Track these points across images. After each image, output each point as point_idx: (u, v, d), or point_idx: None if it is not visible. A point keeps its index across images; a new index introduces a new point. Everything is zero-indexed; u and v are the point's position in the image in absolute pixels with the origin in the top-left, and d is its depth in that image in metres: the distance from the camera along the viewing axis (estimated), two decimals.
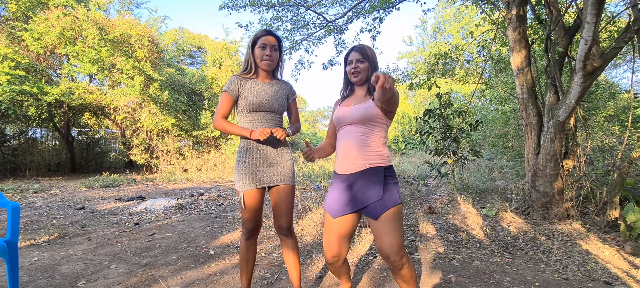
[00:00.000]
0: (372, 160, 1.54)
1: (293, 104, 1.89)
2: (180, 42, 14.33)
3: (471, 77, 7.11)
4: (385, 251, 1.46)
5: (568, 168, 3.59)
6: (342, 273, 1.76)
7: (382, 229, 1.47)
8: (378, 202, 1.48)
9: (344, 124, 1.62)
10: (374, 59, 1.65)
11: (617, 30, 4.60)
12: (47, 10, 8.66)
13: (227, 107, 1.72)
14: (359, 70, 1.61)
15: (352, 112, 1.60)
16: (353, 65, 1.62)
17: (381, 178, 1.52)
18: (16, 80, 7.69)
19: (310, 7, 5.38)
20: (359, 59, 1.62)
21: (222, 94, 1.74)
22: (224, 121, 1.71)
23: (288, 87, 1.86)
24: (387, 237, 1.46)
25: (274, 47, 1.72)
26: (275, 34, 1.76)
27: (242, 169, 1.70)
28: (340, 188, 1.59)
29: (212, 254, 2.81)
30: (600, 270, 2.42)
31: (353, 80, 1.64)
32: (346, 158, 1.58)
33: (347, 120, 1.60)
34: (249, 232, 1.76)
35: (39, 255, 2.76)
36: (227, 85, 1.72)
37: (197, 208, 4.73)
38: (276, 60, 1.76)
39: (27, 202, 5.27)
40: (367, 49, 1.64)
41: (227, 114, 1.73)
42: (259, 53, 1.71)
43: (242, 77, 1.74)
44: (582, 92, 3.13)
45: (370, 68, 1.63)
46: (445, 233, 3.28)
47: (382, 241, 1.47)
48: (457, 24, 16.10)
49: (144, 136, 10.52)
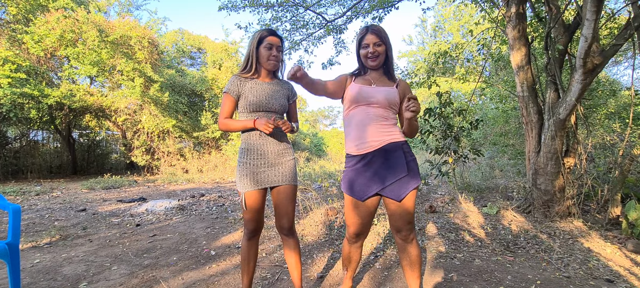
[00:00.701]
0: (392, 136, 1.55)
1: (293, 104, 1.88)
2: (180, 43, 14.34)
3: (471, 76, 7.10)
4: (399, 227, 1.54)
5: (569, 166, 3.58)
6: (353, 259, 1.76)
7: (403, 209, 1.52)
8: (403, 180, 1.50)
9: (362, 103, 1.57)
10: (389, 39, 1.62)
11: (617, 27, 4.58)
12: (48, 13, 8.68)
13: (230, 107, 1.73)
14: (377, 54, 1.57)
15: (376, 93, 1.56)
16: (371, 49, 1.57)
17: (402, 154, 1.54)
18: (17, 83, 7.71)
19: (309, 7, 5.38)
20: (376, 42, 1.57)
21: (223, 95, 1.75)
22: (228, 120, 1.72)
23: (289, 87, 1.85)
24: (406, 215, 1.52)
25: (279, 48, 1.74)
26: (280, 35, 1.78)
27: (243, 170, 1.71)
28: (360, 169, 1.55)
29: (213, 255, 2.81)
30: (601, 268, 2.42)
31: (371, 65, 1.59)
32: (364, 136, 1.55)
33: (370, 100, 1.56)
34: (250, 232, 1.75)
35: (41, 257, 2.77)
36: (227, 86, 1.73)
37: (198, 209, 4.74)
38: (280, 60, 1.77)
39: (29, 204, 5.29)
40: (382, 31, 1.60)
41: (230, 115, 1.75)
42: (265, 53, 1.71)
43: (242, 77, 1.74)
44: (582, 90, 3.12)
45: (387, 51, 1.60)
46: (446, 232, 3.27)
47: (400, 220, 1.53)
48: (457, 23, 16.07)
49: (144, 137, 10.54)
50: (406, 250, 1.58)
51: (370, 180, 1.53)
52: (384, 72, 1.67)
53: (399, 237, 1.58)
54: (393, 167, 1.52)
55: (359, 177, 1.55)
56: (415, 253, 1.58)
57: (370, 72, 1.67)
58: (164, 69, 10.96)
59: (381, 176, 1.52)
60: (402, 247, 1.59)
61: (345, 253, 1.77)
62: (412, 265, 1.58)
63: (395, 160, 1.53)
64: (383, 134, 1.54)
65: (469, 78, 6.56)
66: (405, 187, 1.51)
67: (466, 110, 4.86)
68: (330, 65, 5.96)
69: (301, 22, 5.60)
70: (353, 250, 1.74)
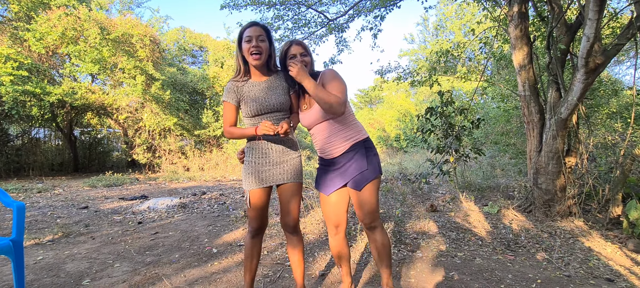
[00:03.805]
0: (351, 138, 1.69)
1: (295, 95, 1.79)
2: (182, 41, 14.35)
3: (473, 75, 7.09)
4: (362, 216, 1.70)
5: (570, 166, 3.58)
6: (343, 254, 1.84)
7: (363, 198, 1.67)
8: (363, 173, 1.65)
9: (311, 127, 1.76)
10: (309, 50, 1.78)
11: (619, 27, 4.57)
12: (49, 11, 8.69)
13: (231, 115, 1.72)
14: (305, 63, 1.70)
15: (310, 118, 1.71)
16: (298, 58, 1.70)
17: (363, 151, 1.68)
18: (19, 80, 7.73)
19: (311, 5, 5.38)
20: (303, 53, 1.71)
21: (223, 103, 1.73)
22: (232, 128, 1.71)
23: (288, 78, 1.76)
24: (367, 204, 1.67)
25: (260, 38, 1.61)
26: (261, 24, 1.67)
27: (247, 169, 1.72)
28: (328, 169, 1.76)
29: (215, 252, 2.82)
30: (602, 268, 2.42)
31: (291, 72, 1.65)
32: (329, 147, 1.71)
33: (313, 124, 1.73)
34: (254, 230, 1.76)
35: (44, 254, 2.79)
36: (224, 94, 1.71)
37: (200, 207, 4.75)
38: (265, 50, 1.63)
39: (31, 201, 5.31)
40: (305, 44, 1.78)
41: (233, 122, 1.73)
42: (246, 47, 1.61)
43: (236, 82, 1.69)
44: (584, 89, 3.12)
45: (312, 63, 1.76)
46: (447, 231, 3.28)
47: (362, 208, 1.68)
48: (459, 21, 16.03)
49: (146, 135, 10.56)
50: (372, 238, 1.73)
51: (334, 178, 1.73)
52: None
53: (364, 225, 1.74)
54: (355, 162, 1.67)
55: (326, 175, 1.77)
56: (380, 240, 1.71)
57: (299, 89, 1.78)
58: (165, 67, 10.96)
59: (344, 174, 1.69)
60: (368, 235, 1.76)
61: (334, 252, 1.87)
62: (379, 254, 1.73)
63: (357, 157, 1.67)
64: (344, 140, 1.69)
65: (471, 77, 6.55)
66: (366, 179, 1.65)
67: (467, 109, 4.86)
68: (332, 63, 5.96)
69: (303, 21, 5.60)
70: (338, 243, 1.82)
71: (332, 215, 1.79)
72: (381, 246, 1.71)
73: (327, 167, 1.77)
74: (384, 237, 1.72)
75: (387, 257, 1.73)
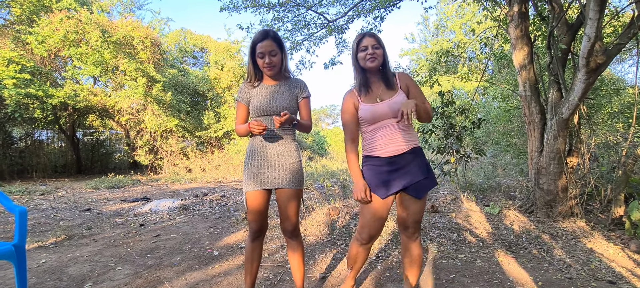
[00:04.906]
0: (413, 142, 1.66)
1: (304, 102, 1.79)
2: (183, 43, 14.38)
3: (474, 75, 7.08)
4: (408, 222, 1.67)
5: (572, 166, 3.56)
6: (360, 259, 1.78)
7: (418, 207, 1.64)
8: (424, 181, 1.63)
9: (378, 121, 1.65)
10: (384, 45, 1.70)
11: (621, 26, 4.54)
12: (51, 14, 8.74)
13: (242, 114, 1.80)
14: (376, 55, 1.63)
15: (384, 110, 1.63)
16: (369, 51, 1.63)
17: (424, 158, 1.67)
18: (22, 83, 7.79)
19: (310, 7, 5.38)
20: (375, 45, 1.64)
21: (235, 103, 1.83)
22: (238, 126, 1.78)
23: (299, 85, 1.79)
24: (418, 213, 1.65)
25: (272, 52, 1.66)
26: (273, 35, 1.69)
27: (246, 171, 1.74)
28: (384, 171, 1.63)
29: (216, 255, 2.83)
30: (604, 269, 2.41)
31: (369, 65, 1.64)
32: (392, 143, 1.64)
33: (383, 118, 1.64)
34: (254, 233, 1.77)
35: (47, 257, 2.81)
36: (238, 93, 1.80)
37: (201, 209, 4.77)
38: (278, 63, 1.70)
39: (35, 204, 5.35)
40: (378, 36, 1.69)
41: (243, 121, 1.80)
42: (259, 62, 1.70)
43: (249, 83, 1.78)
44: (585, 89, 3.10)
45: (384, 55, 1.67)
46: (448, 232, 3.28)
47: (412, 217, 1.65)
48: (460, 21, 15.98)
49: (147, 137, 10.61)
50: (409, 248, 1.71)
51: (395, 180, 1.62)
52: (382, 77, 1.70)
53: (405, 235, 1.71)
54: (418, 167, 1.64)
55: (382, 177, 1.63)
56: (416, 252, 1.71)
57: (372, 83, 1.70)
58: (166, 68, 11.01)
59: (411, 175, 1.62)
60: (405, 244, 1.72)
61: (352, 254, 1.77)
62: (412, 263, 1.72)
63: (420, 162, 1.65)
64: (409, 140, 1.65)
65: (472, 77, 6.54)
66: (425, 188, 1.63)
67: (468, 109, 4.85)
68: (332, 64, 5.96)
69: (303, 22, 5.61)
70: (362, 250, 1.74)
71: (375, 223, 1.64)
72: (417, 256, 1.71)
73: (381, 167, 1.63)
74: (420, 248, 1.73)
75: (419, 267, 1.75)
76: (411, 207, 1.64)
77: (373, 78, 1.70)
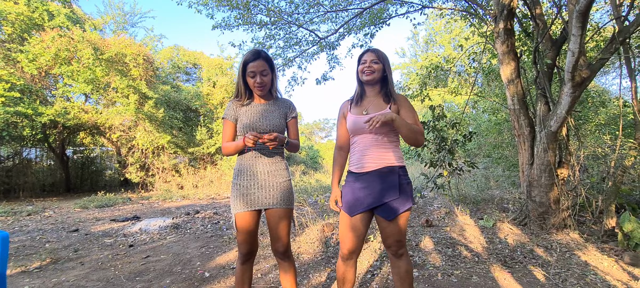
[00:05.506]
0: (388, 160, 1.63)
1: (292, 122, 1.82)
2: (176, 59, 14.41)
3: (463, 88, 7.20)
4: (388, 242, 1.64)
5: (563, 177, 3.60)
6: (348, 279, 1.76)
7: (393, 228, 1.60)
8: (394, 202, 1.58)
9: (358, 133, 1.68)
10: (388, 62, 1.73)
11: (603, 40, 4.69)
12: (43, 32, 8.71)
13: (229, 132, 1.76)
14: (373, 69, 1.67)
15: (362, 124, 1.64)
16: (367, 65, 1.67)
17: (397, 177, 1.61)
18: (11, 102, 7.67)
19: (302, 25, 5.46)
20: (374, 60, 1.68)
21: (223, 120, 1.77)
22: (227, 143, 1.73)
23: (287, 105, 1.82)
24: (396, 235, 1.61)
25: (263, 72, 1.68)
26: (264, 56, 1.71)
27: (235, 191, 1.70)
28: (356, 187, 1.65)
29: (207, 276, 2.76)
30: (599, 283, 2.40)
31: (365, 78, 1.69)
32: (363, 159, 1.65)
33: (362, 131, 1.66)
34: (244, 255, 1.73)
35: (30, 283, 2.70)
36: (225, 111, 1.76)
37: (193, 227, 4.67)
38: (268, 82, 1.72)
39: (20, 225, 5.18)
40: (381, 52, 1.72)
41: (230, 139, 1.77)
42: (250, 81, 1.70)
43: (238, 101, 1.75)
44: (572, 102, 3.17)
45: (384, 70, 1.69)
46: (443, 247, 3.25)
47: (390, 238, 1.62)
48: (448, 36, 16.37)
49: (139, 154, 10.46)
50: (396, 265, 1.68)
51: (362, 198, 1.62)
52: (381, 91, 1.73)
53: (389, 252, 1.69)
54: (386, 189, 1.59)
55: (354, 194, 1.65)
56: (404, 268, 1.67)
57: (367, 94, 1.74)
58: (159, 85, 10.97)
59: (374, 196, 1.60)
60: (392, 261, 1.70)
61: (339, 274, 1.77)
62: (401, 280, 1.68)
63: (389, 183, 1.60)
64: (380, 158, 1.63)
65: (461, 91, 6.65)
66: (396, 209, 1.58)
67: (459, 122, 4.91)
68: (324, 80, 6.02)
69: (294, 40, 5.68)
70: (347, 269, 1.74)
71: (349, 239, 1.66)
72: (405, 273, 1.66)
73: (354, 183, 1.65)
74: (409, 264, 1.67)
75: (410, 283, 1.68)
76: (386, 229, 1.61)
77: (371, 92, 1.73)
